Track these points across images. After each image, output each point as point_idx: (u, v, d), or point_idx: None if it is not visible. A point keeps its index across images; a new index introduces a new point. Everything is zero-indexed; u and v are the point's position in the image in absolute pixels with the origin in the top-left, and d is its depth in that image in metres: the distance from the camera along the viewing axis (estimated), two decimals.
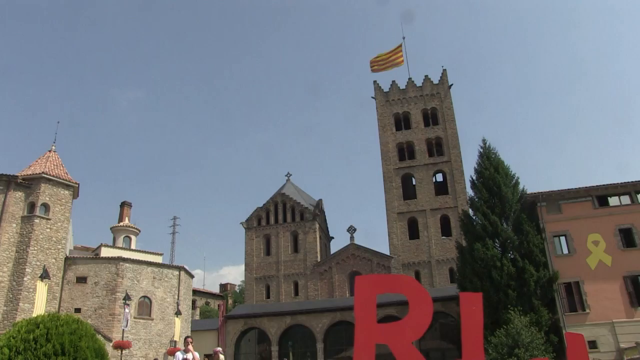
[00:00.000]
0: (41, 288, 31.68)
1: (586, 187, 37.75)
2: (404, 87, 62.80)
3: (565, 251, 36.97)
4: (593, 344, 32.76)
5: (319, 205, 63.27)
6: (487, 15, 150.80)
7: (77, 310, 37.29)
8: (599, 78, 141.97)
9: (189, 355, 10.56)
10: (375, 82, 64.02)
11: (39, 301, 31.25)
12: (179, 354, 10.62)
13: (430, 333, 39.35)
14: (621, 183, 37.48)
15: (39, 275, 32.75)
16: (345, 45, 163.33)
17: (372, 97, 63.40)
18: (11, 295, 35.16)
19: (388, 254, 55.82)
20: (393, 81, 63.57)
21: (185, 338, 11.39)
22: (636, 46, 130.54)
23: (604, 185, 37.70)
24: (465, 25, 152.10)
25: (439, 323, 41.13)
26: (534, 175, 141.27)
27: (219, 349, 13.17)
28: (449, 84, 61.69)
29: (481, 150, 40.84)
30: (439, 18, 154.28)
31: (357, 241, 57.86)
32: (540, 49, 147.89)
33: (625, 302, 34.65)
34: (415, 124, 60.47)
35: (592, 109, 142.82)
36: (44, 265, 35.21)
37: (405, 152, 59.83)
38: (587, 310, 34.91)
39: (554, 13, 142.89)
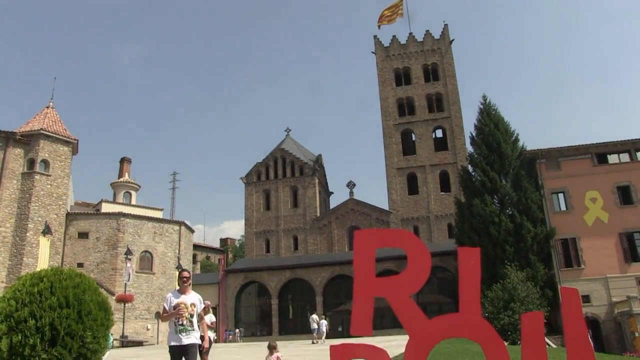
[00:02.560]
0: (44, 243, 32.09)
1: (586, 145, 37.77)
2: (404, 42, 61.93)
3: (563, 208, 37.28)
4: (586, 298, 33.49)
5: (318, 160, 63.30)
6: None
7: (80, 265, 37.83)
8: (600, 31, 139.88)
9: (187, 299, 7.06)
10: (375, 36, 63.07)
11: (42, 256, 31.71)
12: (170, 296, 7.02)
13: (428, 287, 40.02)
14: (621, 140, 37.50)
15: (41, 230, 33.13)
16: (345, 3, 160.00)
17: (373, 52, 62.59)
18: (15, 250, 35.63)
19: (387, 209, 56.22)
20: (394, 36, 62.64)
21: (180, 273, 7.51)
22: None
23: (603, 142, 37.70)
24: None
25: (436, 278, 41.79)
26: (534, 132, 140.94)
27: (208, 302, 12.71)
28: (450, 39, 60.82)
29: (481, 106, 40.63)
30: None
31: (356, 196, 58.23)
32: (542, 3, 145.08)
33: (620, 258, 35.23)
34: (416, 79, 59.94)
35: (594, 64, 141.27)
36: (46, 221, 35.54)
37: (405, 107, 59.50)
38: (582, 266, 35.49)
39: None
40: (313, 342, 28.10)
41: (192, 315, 6.91)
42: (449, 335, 4.10)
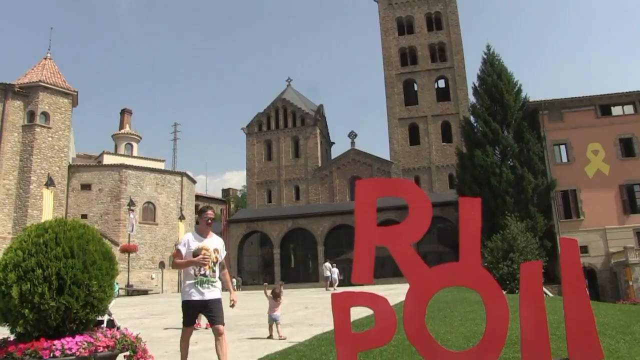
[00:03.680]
0: (47, 195, 32.32)
1: (589, 96, 37.43)
2: None
3: (565, 159, 37.30)
4: (584, 249, 33.91)
5: (319, 110, 62.85)
6: None
7: (84, 216, 38.19)
8: None
9: (210, 243, 5.72)
10: None
11: (47, 208, 32.00)
12: (189, 239, 5.68)
13: (428, 237, 40.40)
14: (625, 92, 37.15)
15: (44, 183, 33.32)
16: None
17: (375, 0, 61.20)
18: (19, 202, 35.93)
19: (388, 159, 56.25)
20: None
21: (204, 211, 5.91)
22: None
23: (607, 94, 37.34)
24: None
25: (437, 227, 42.13)
26: (538, 83, 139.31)
27: None
28: None
29: (485, 56, 40.10)
30: None
31: (357, 147, 58.15)
32: None
33: (619, 210, 35.54)
34: (419, 28, 58.81)
35: (600, 15, 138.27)
36: (49, 174, 35.68)
37: (408, 57, 58.64)
38: (582, 217, 35.80)
39: None
40: (327, 289, 29.29)
41: (215, 263, 5.67)
42: (448, 284, 4.18)
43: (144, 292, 36.88)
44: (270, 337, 9.20)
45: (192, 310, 5.61)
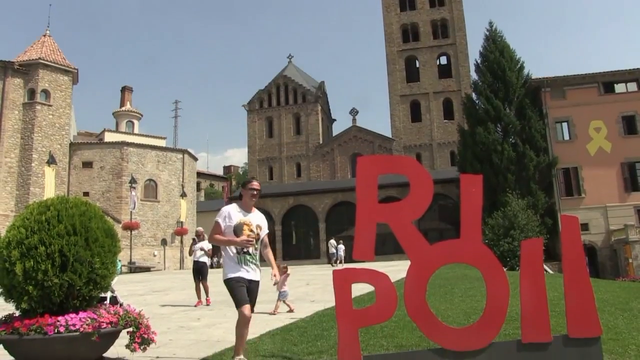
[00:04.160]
0: (49, 173, 32.40)
1: (592, 73, 37.12)
2: None
3: (567, 137, 37.17)
4: (585, 227, 33.96)
5: (321, 87, 62.51)
6: None
7: (86, 194, 38.26)
8: None
9: (253, 218, 5.47)
10: None
11: (48, 185, 32.09)
12: (229, 211, 5.33)
13: (429, 214, 40.44)
14: (629, 69, 36.82)
15: (46, 161, 33.34)
16: None
17: None
18: (22, 180, 35.98)
19: (390, 136, 56.12)
20: None
21: (248, 182, 5.63)
22: None
23: (610, 71, 37.05)
24: None
25: (438, 205, 42.18)
26: (541, 60, 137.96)
27: (201, 228, 13.35)
28: None
29: (487, 33, 39.69)
30: None
31: (359, 124, 58.01)
32: None
33: (620, 187, 35.53)
34: (421, 4, 58.15)
35: None
36: (50, 151, 35.67)
37: (410, 33, 58.10)
38: (583, 195, 35.81)
39: None
40: (332, 265, 30.20)
41: (257, 240, 5.22)
42: (449, 261, 4.19)
43: (147, 269, 37.13)
44: (273, 313, 9.27)
45: (239, 285, 5.00)
